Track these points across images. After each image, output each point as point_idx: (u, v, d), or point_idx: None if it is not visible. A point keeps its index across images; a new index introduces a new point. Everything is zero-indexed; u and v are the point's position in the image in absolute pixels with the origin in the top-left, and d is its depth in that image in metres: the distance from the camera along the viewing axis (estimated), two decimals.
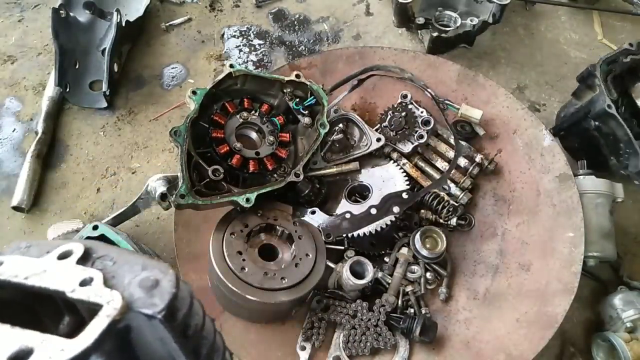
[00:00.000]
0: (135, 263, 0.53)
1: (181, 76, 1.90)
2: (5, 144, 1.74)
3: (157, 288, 0.51)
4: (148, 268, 0.52)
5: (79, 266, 0.52)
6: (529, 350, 1.22)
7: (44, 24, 1.97)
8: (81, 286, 0.49)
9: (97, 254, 0.55)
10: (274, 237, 1.30)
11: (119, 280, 0.51)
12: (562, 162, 1.41)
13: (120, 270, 0.52)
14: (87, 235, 1.28)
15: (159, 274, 0.52)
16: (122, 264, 0.53)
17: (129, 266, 0.53)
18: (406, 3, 1.76)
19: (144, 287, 0.51)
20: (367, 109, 1.61)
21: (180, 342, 0.53)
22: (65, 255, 0.53)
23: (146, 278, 0.51)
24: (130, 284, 0.51)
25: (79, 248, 0.54)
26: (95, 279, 0.50)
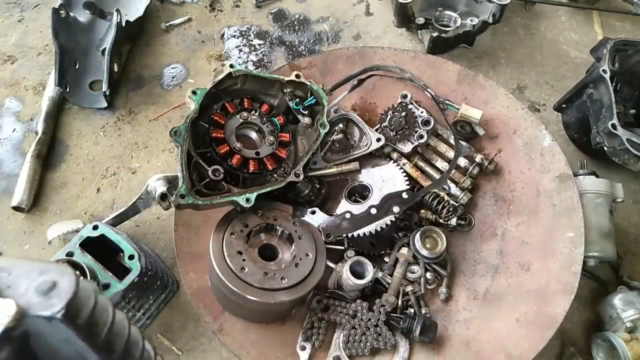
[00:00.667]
0: (31, 270, 0.53)
1: (181, 76, 1.90)
2: (5, 144, 1.74)
3: (54, 290, 0.51)
4: (45, 272, 0.52)
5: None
6: (529, 350, 1.22)
7: (44, 24, 1.97)
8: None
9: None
10: (274, 237, 1.30)
11: (14, 290, 0.51)
12: (562, 162, 1.41)
13: (17, 280, 0.52)
14: (87, 235, 1.28)
15: (56, 275, 0.52)
16: (18, 274, 0.53)
17: (25, 274, 0.53)
18: (406, 3, 1.76)
19: (41, 291, 0.50)
20: (367, 109, 1.61)
21: (88, 341, 0.52)
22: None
23: (43, 282, 0.51)
24: (27, 291, 0.51)
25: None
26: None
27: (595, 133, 1.47)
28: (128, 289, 1.23)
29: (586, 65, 1.64)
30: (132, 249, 1.26)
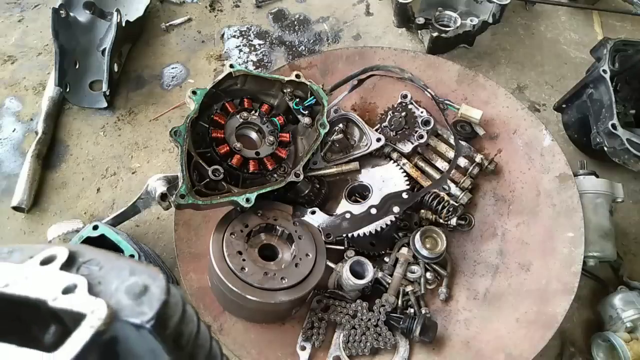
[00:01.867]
0: (122, 268, 0.50)
1: (181, 76, 1.90)
2: (5, 144, 1.74)
3: (145, 295, 0.47)
4: (136, 273, 0.49)
5: (63, 272, 0.49)
6: (529, 350, 1.22)
7: (44, 24, 1.97)
8: (64, 294, 0.46)
9: (83, 258, 0.51)
10: (274, 237, 1.30)
11: (105, 287, 0.48)
12: (562, 162, 1.41)
13: (108, 276, 0.49)
14: (87, 235, 1.28)
15: (147, 279, 0.48)
16: (109, 268, 0.50)
17: (116, 271, 0.50)
18: (406, 3, 1.76)
19: (132, 293, 0.47)
20: (367, 109, 1.61)
21: (173, 354, 0.49)
22: (49, 260, 0.50)
23: (134, 284, 0.48)
24: (118, 291, 0.48)
25: (63, 252, 0.50)
26: (79, 285, 0.47)
27: (595, 133, 1.47)
28: None
29: (586, 65, 1.64)
30: (132, 249, 1.26)
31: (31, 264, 0.49)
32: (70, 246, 0.51)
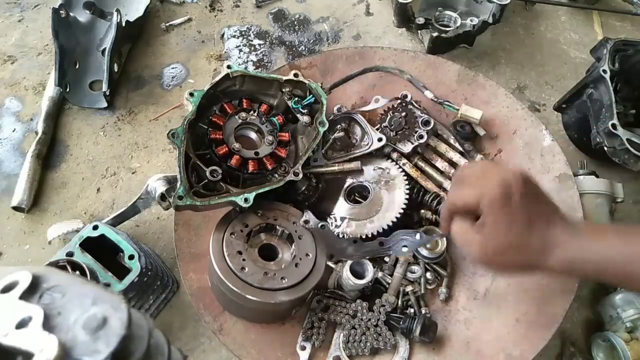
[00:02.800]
0: (86, 295, 0.45)
1: (181, 76, 1.90)
2: (5, 144, 1.74)
3: (103, 328, 0.42)
4: (98, 303, 0.44)
5: (21, 302, 0.44)
6: (529, 350, 1.22)
7: (44, 24, 1.98)
8: (17, 328, 0.41)
9: (47, 284, 0.46)
10: (274, 237, 1.30)
11: (64, 319, 0.43)
12: (562, 162, 1.41)
13: (68, 305, 0.44)
14: (87, 235, 1.28)
15: (109, 309, 0.43)
16: (71, 296, 0.45)
17: (78, 299, 0.45)
18: (406, 3, 1.76)
19: (89, 328, 0.42)
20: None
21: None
22: (9, 287, 0.45)
23: (92, 316, 0.43)
24: (76, 324, 0.43)
25: (26, 278, 0.45)
26: (34, 318, 0.42)
27: (595, 133, 1.47)
28: (128, 289, 1.23)
29: (586, 65, 1.64)
30: (132, 249, 1.26)
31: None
32: (37, 270, 0.47)
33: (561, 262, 0.94)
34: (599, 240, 0.93)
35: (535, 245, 0.92)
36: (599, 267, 0.94)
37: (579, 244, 0.93)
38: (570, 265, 0.95)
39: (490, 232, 0.94)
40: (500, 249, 0.94)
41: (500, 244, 0.93)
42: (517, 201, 0.90)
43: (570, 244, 0.93)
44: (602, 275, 0.97)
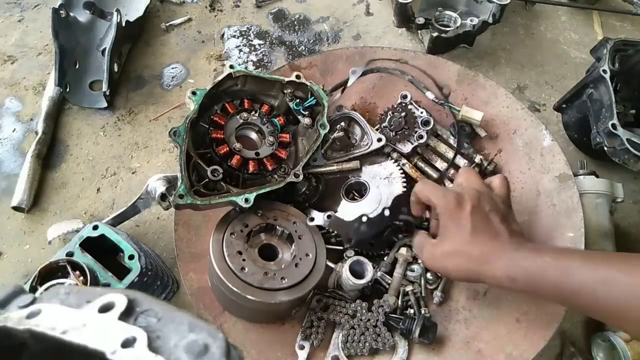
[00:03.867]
0: (181, 322, 0.46)
1: (181, 76, 1.90)
2: (5, 144, 1.74)
3: (206, 355, 0.43)
4: (195, 330, 0.45)
5: (121, 322, 0.45)
6: (529, 350, 1.22)
7: (44, 24, 1.98)
8: (123, 347, 0.42)
9: (141, 307, 0.47)
10: (274, 237, 1.30)
11: (164, 342, 0.44)
12: (562, 162, 1.41)
13: (166, 330, 0.45)
14: (87, 235, 1.28)
15: (208, 337, 0.44)
16: (167, 321, 0.46)
17: (174, 325, 0.46)
18: (406, 3, 1.76)
19: (192, 352, 0.43)
20: (367, 109, 1.61)
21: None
22: (107, 308, 0.46)
23: (194, 342, 0.44)
24: (177, 348, 0.44)
25: (122, 300, 0.47)
26: (138, 339, 0.43)
27: (595, 133, 1.47)
28: (128, 289, 1.23)
29: (586, 65, 1.64)
30: (132, 249, 1.27)
31: (89, 310, 0.46)
32: (128, 293, 0.48)
33: (500, 273, 1.02)
34: (535, 256, 1.00)
35: (475, 254, 1.01)
36: (531, 279, 0.99)
37: (516, 258, 1.00)
38: (508, 278, 1.01)
39: (439, 235, 1.07)
40: (445, 253, 1.05)
41: (445, 249, 1.05)
42: (467, 213, 1.03)
43: (509, 257, 1.01)
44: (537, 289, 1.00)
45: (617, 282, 0.89)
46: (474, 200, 1.05)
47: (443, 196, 1.07)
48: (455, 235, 1.04)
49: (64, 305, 0.47)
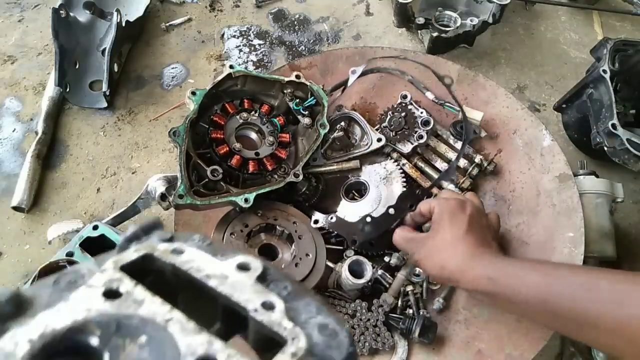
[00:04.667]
0: (310, 302, 0.45)
1: (181, 76, 1.90)
2: (5, 144, 1.74)
3: (335, 340, 0.43)
4: (323, 314, 0.44)
5: (259, 285, 0.45)
6: (529, 350, 1.22)
7: (44, 24, 1.98)
8: (263, 308, 0.42)
9: (272, 276, 0.47)
10: (274, 237, 1.30)
11: (296, 315, 0.44)
12: (562, 162, 1.41)
13: (295, 304, 0.45)
14: (87, 235, 1.28)
15: (335, 324, 0.44)
16: (297, 297, 0.46)
17: (304, 303, 0.45)
18: (406, 3, 1.76)
19: (324, 334, 0.43)
20: (367, 109, 1.61)
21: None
22: (244, 267, 0.46)
23: (325, 324, 0.43)
24: (308, 324, 0.43)
25: (258, 265, 0.47)
26: (277, 306, 0.43)
27: (595, 133, 1.47)
28: None
29: (586, 65, 1.64)
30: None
31: (228, 265, 0.46)
32: (260, 260, 0.48)
33: (480, 272, 1.02)
34: (520, 262, 1.05)
35: (461, 250, 1.04)
36: (512, 282, 0.99)
37: (500, 261, 1.03)
38: (489, 277, 1.01)
39: (431, 230, 1.11)
40: (433, 246, 1.08)
41: (435, 242, 1.08)
42: (467, 215, 1.07)
43: (494, 260, 1.03)
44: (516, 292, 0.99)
45: (597, 287, 0.89)
46: (475, 210, 1.10)
47: (446, 201, 1.11)
48: (448, 229, 1.06)
49: (207, 254, 0.46)
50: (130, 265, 0.42)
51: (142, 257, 0.44)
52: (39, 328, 0.35)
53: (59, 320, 0.35)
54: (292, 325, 0.41)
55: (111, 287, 0.39)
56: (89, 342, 0.36)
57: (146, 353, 0.37)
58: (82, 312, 0.36)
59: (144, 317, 0.38)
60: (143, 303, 0.38)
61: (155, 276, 0.44)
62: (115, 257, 0.43)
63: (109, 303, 0.38)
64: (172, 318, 0.38)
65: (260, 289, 0.44)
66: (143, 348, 0.37)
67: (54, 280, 0.42)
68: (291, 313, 0.44)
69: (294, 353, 0.39)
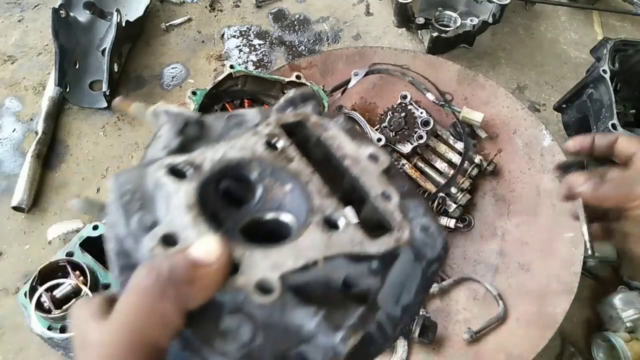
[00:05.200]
0: (419, 204, 0.50)
1: (181, 76, 1.90)
2: (5, 144, 1.74)
3: (433, 240, 0.48)
4: (428, 216, 0.49)
5: (383, 177, 0.50)
6: (529, 350, 1.22)
7: (44, 24, 1.97)
8: (382, 197, 0.48)
9: (394, 173, 0.52)
10: None
11: (406, 211, 0.49)
12: None
13: (408, 202, 0.49)
14: (87, 235, 1.28)
15: (436, 229, 0.49)
16: (410, 197, 0.50)
17: (414, 203, 0.50)
18: (406, 3, 1.76)
19: (425, 234, 0.48)
20: (367, 109, 1.61)
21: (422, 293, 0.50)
22: (375, 157, 0.50)
23: (427, 226, 0.48)
24: (413, 221, 0.48)
25: (385, 159, 0.51)
26: (393, 199, 0.48)
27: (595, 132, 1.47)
28: None
29: (586, 65, 1.64)
30: None
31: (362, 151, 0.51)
32: (388, 155, 0.52)
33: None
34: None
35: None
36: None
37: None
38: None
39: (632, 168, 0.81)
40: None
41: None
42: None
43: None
44: None
45: None
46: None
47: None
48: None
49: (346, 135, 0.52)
50: (286, 125, 0.50)
51: (297, 122, 0.51)
52: (218, 154, 0.45)
53: (233, 153, 0.45)
54: (402, 217, 0.47)
55: (271, 140, 0.48)
56: (249, 176, 0.46)
57: (288, 198, 0.46)
58: (249, 152, 0.46)
59: (292, 171, 0.46)
60: (293, 160, 0.47)
61: (300, 139, 0.50)
62: (277, 115, 0.52)
63: (268, 152, 0.47)
64: (312, 180, 0.46)
65: (383, 180, 0.49)
66: (286, 194, 0.46)
67: (227, 117, 0.52)
68: (402, 208, 0.48)
69: (397, 239, 0.46)
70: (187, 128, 0.49)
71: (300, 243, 0.41)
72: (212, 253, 0.37)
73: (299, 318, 0.40)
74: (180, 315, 0.36)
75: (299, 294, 0.41)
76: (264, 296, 0.38)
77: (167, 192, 0.41)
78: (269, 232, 0.46)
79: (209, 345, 0.39)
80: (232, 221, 0.45)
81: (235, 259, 0.39)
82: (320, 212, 0.44)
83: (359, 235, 0.44)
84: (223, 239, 0.39)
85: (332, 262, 0.42)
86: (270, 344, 0.40)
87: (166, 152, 0.47)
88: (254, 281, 0.39)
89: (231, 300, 0.39)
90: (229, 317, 0.39)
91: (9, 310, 1.42)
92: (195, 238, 0.39)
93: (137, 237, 0.40)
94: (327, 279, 0.43)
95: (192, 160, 0.43)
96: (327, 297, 0.43)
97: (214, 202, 0.45)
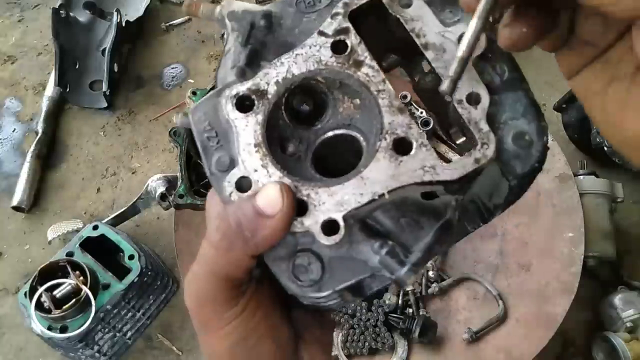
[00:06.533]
0: (519, 98, 0.43)
1: (181, 76, 1.90)
2: (5, 144, 1.74)
3: (526, 151, 0.41)
4: (527, 116, 0.42)
5: (472, 71, 0.42)
6: (529, 350, 1.22)
7: (44, 24, 1.98)
8: (467, 102, 0.41)
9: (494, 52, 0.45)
10: None
11: (499, 111, 0.42)
12: (562, 162, 1.41)
13: (504, 97, 0.42)
14: (87, 235, 1.28)
15: (534, 134, 0.42)
16: (509, 88, 0.43)
17: (513, 98, 0.43)
18: None
19: (517, 143, 0.41)
20: None
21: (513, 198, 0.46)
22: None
23: (522, 133, 0.41)
24: (505, 126, 0.41)
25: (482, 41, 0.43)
26: (482, 102, 0.41)
27: (595, 133, 1.48)
28: (128, 289, 1.23)
29: None
30: (132, 249, 1.27)
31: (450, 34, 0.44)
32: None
33: None
34: None
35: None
36: None
37: None
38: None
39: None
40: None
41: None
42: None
43: None
44: None
45: None
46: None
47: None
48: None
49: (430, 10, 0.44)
50: (356, 11, 0.43)
51: (370, 2, 0.43)
52: (282, 72, 0.42)
53: (298, 68, 0.42)
54: (488, 129, 0.40)
55: (339, 39, 0.42)
56: (316, 91, 0.43)
57: (358, 114, 0.43)
58: (314, 63, 0.42)
59: (361, 81, 0.41)
60: (362, 65, 0.42)
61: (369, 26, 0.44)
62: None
63: (335, 57, 0.42)
64: (384, 90, 0.41)
65: (472, 75, 0.42)
66: (356, 109, 0.43)
67: (297, 1, 0.47)
68: (494, 108, 0.42)
69: (477, 159, 0.39)
70: (254, 31, 0.45)
71: (365, 175, 0.39)
72: (275, 204, 0.39)
73: (364, 254, 0.40)
74: (250, 258, 0.40)
75: (365, 228, 0.40)
76: (329, 237, 0.38)
77: (237, 128, 0.41)
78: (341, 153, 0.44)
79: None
80: (304, 144, 0.44)
81: (302, 198, 0.39)
82: (391, 132, 0.40)
83: (431, 159, 0.39)
84: (286, 188, 0.39)
85: (402, 190, 0.39)
86: (338, 278, 0.40)
87: (235, 71, 0.44)
88: (319, 222, 0.39)
89: (300, 240, 0.40)
90: (300, 255, 0.40)
91: (9, 310, 1.42)
92: (265, 180, 0.40)
93: (219, 180, 0.41)
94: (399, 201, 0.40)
95: (257, 86, 0.42)
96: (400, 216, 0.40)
97: (283, 126, 0.43)
